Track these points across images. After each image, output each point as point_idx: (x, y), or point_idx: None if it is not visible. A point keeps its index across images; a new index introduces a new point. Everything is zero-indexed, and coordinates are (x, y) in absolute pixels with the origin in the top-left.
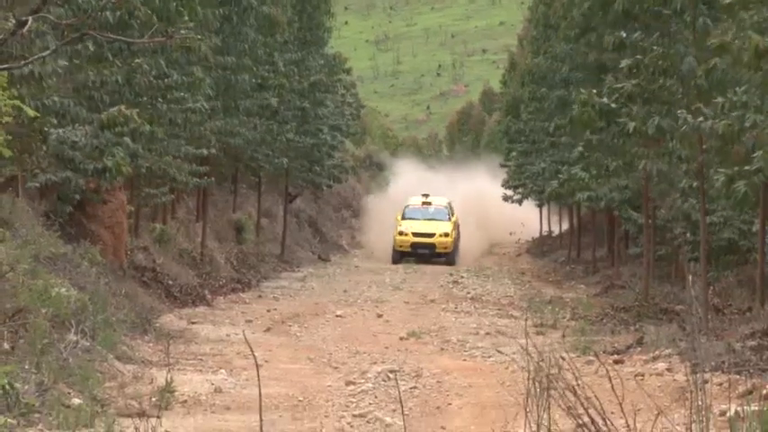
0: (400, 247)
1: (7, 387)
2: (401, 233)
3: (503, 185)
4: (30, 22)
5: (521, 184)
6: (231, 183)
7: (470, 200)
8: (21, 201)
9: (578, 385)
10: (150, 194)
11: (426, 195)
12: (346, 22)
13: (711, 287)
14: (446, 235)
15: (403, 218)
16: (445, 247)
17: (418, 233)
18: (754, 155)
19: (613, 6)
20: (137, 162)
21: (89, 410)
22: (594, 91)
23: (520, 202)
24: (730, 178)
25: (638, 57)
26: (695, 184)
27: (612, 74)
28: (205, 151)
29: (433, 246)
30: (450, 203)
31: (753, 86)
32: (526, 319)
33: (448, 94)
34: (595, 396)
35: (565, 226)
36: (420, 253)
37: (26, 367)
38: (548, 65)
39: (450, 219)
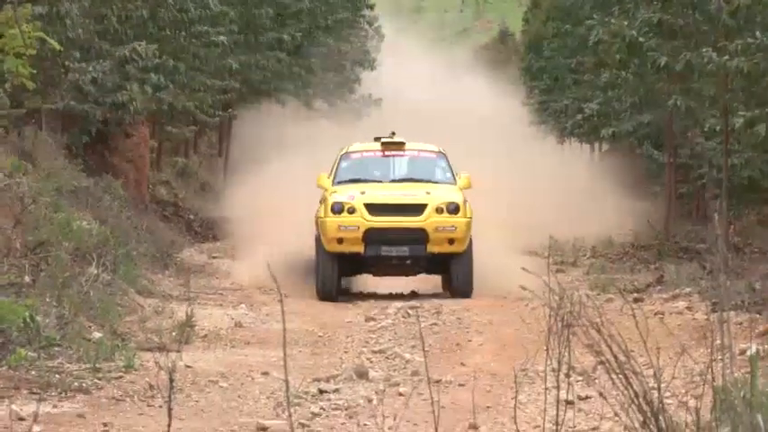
0: (340, 243)
1: (28, 320)
2: (337, 209)
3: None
4: None
5: (542, 121)
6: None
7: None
8: (43, 134)
9: (600, 322)
10: (172, 130)
11: (393, 135)
12: None
13: (732, 226)
14: (451, 210)
15: (336, 182)
16: (451, 240)
17: (384, 206)
18: None
19: None
20: (159, 96)
21: (109, 344)
22: (626, 23)
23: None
24: (751, 120)
25: None
26: (718, 127)
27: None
28: (227, 84)
29: (419, 237)
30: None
31: None
32: (548, 256)
33: (471, 30)
34: (617, 334)
35: None
36: (389, 256)
37: (47, 300)
38: (572, 1)
39: (454, 182)
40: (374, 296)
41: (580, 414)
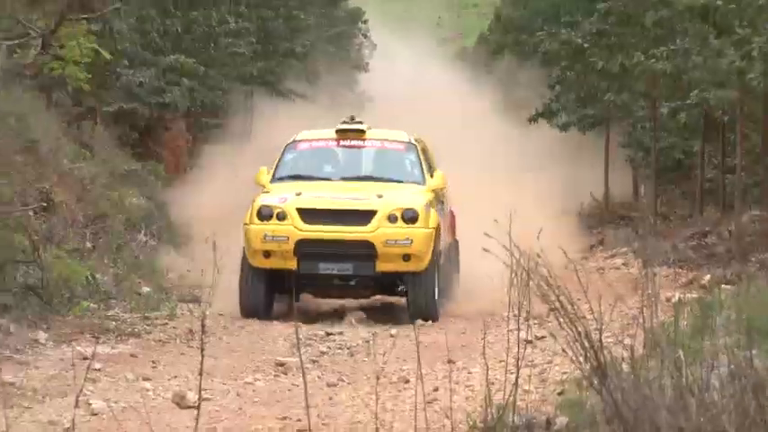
0: (267, 257)
1: (89, 278)
2: (265, 213)
3: None
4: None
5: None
6: None
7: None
8: (99, 127)
9: (551, 277)
10: (206, 123)
11: (353, 120)
12: None
13: (659, 198)
14: (408, 218)
15: (276, 178)
16: (406, 255)
17: (321, 213)
18: (692, 93)
19: None
20: (193, 96)
21: (156, 297)
22: (576, 36)
23: None
24: (674, 110)
25: (610, 2)
26: (647, 123)
27: (583, 18)
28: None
29: (365, 252)
30: (425, 147)
31: (693, 36)
32: (509, 226)
33: (447, 40)
34: (565, 286)
35: None
36: (328, 274)
37: (105, 262)
38: (528, 16)
39: (423, 181)
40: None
41: (536, 351)
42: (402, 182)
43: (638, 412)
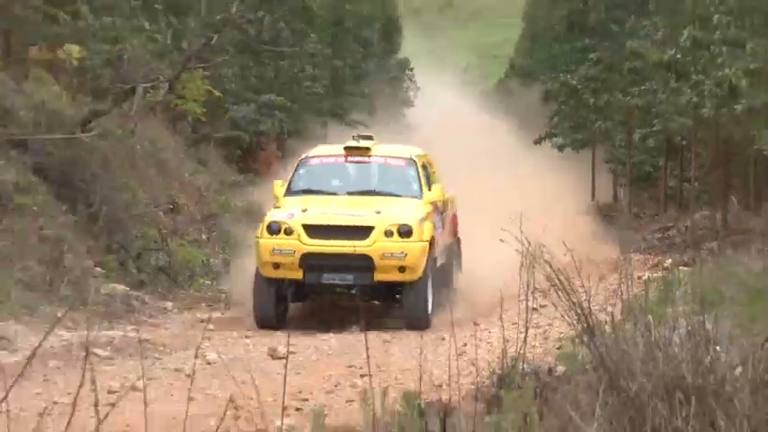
0: (276, 269)
1: (205, 261)
2: (274, 229)
3: None
4: (213, 40)
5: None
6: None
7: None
8: (211, 148)
9: (551, 260)
10: (291, 145)
11: (359, 139)
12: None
13: (633, 201)
14: (403, 233)
15: (290, 191)
16: (401, 267)
17: (324, 228)
18: (657, 122)
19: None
20: (282, 125)
21: None
22: (573, 79)
23: None
24: (644, 135)
25: (598, 54)
26: (623, 144)
27: (577, 66)
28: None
29: (364, 264)
30: (425, 160)
31: (659, 80)
32: (520, 224)
33: (472, 82)
34: (563, 267)
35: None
36: (329, 284)
37: (216, 249)
38: (534, 65)
39: (420, 195)
40: None
41: (541, 316)
42: (401, 196)
43: (617, 362)
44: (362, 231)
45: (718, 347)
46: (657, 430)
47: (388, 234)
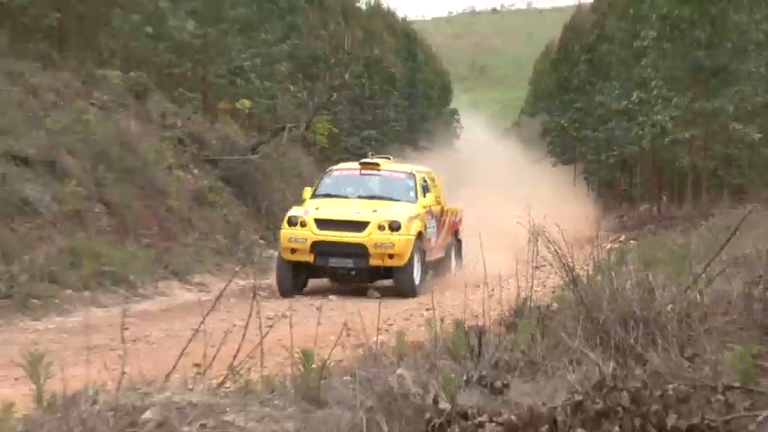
0: (292, 253)
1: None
2: (292, 221)
3: None
4: (287, 130)
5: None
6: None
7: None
8: (332, 166)
9: (548, 238)
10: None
11: (372, 156)
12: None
13: (601, 199)
14: (393, 228)
15: (315, 195)
16: (390, 255)
17: (330, 222)
18: (615, 148)
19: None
20: (376, 150)
21: None
22: (562, 120)
23: None
24: (607, 156)
25: (578, 105)
26: (594, 163)
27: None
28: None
29: (361, 251)
30: (427, 176)
31: (618, 121)
32: (529, 217)
33: (498, 122)
34: (556, 242)
35: None
36: (334, 267)
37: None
38: (537, 111)
39: (415, 200)
40: None
41: (542, 273)
42: (399, 200)
43: (591, 301)
44: (360, 225)
45: (656, 292)
46: (618, 345)
47: (381, 228)
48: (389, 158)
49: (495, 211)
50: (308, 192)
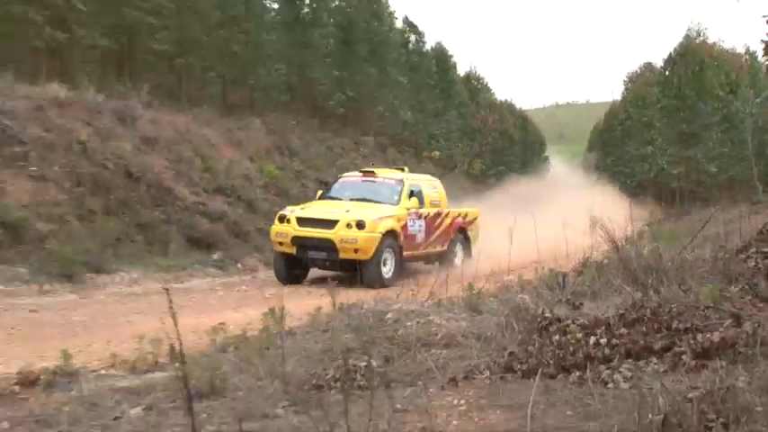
0: (280, 246)
1: None
2: (282, 219)
3: None
4: (459, 166)
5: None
6: None
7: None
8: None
9: (604, 223)
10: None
11: (373, 165)
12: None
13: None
14: (360, 226)
15: (321, 197)
16: (356, 249)
17: (308, 220)
18: (635, 176)
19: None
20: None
21: None
22: (606, 160)
23: None
24: (633, 180)
25: (617, 154)
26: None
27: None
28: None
29: (330, 246)
30: (427, 183)
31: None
32: (563, 228)
33: (571, 162)
34: (609, 227)
35: None
36: (313, 258)
37: None
38: (600, 147)
39: (397, 203)
40: None
41: (597, 245)
42: (382, 203)
43: (626, 259)
44: (331, 224)
45: (661, 254)
46: (642, 283)
47: (349, 226)
48: (404, 169)
49: (568, 211)
50: (318, 194)
